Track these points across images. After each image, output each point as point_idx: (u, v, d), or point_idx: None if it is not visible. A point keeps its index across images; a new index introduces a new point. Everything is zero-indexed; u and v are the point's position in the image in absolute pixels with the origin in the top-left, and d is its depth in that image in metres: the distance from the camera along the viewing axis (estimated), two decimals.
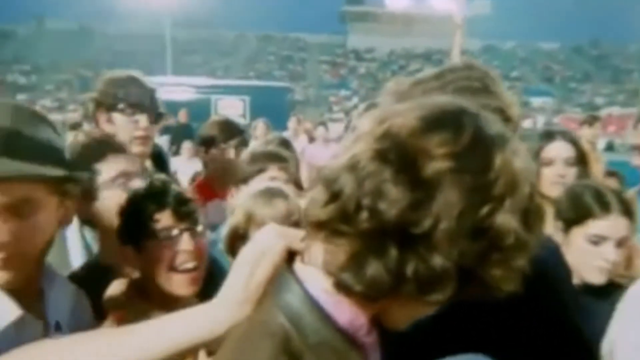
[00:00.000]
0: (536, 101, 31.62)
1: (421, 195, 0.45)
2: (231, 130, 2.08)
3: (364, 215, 0.46)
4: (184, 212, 1.04)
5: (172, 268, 1.03)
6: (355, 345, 0.52)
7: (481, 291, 0.50)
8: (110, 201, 1.15)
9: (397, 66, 37.71)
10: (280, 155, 1.74)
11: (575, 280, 1.29)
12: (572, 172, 1.61)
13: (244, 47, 40.87)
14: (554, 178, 1.58)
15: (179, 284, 1.03)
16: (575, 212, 1.29)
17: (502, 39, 44.07)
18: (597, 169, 3.41)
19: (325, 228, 0.49)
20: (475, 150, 0.47)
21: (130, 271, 1.08)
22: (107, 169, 1.21)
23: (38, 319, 0.86)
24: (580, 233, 1.27)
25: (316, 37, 43.70)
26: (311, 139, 6.99)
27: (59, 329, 0.90)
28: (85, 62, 33.97)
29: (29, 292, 0.87)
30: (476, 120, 0.50)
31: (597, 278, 1.26)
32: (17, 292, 0.82)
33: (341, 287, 0.50)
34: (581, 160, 1.66)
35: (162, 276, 1.03)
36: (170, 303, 1.04)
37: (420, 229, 0.45)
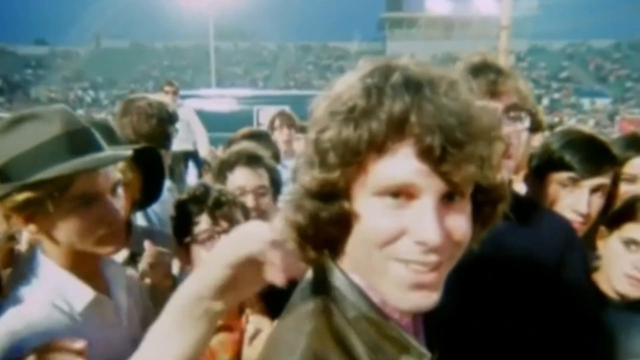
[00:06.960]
0: (588, 102, 29.88)
1: None
2: None
3: None
4: (220, 214, 1.08)
5: None
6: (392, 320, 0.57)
7: None
8: None
9: None
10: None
11: (611, 294, 1.21)
12: None
13: (284, 58, 41.68)
14: None
15: None
16: (619, 214, 1.21)
17: (551, 38, 42.00)
18: None
19: None
20: None
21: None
22: (231, 180, 1.43)
23: (109, 298, 0.93)
24: (617, 235, 1.19)
25: (355, 45, 43.78)
26: None
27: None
28: (136, 78, 35.99)
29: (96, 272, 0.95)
30: None
31: (624, 287, 1.17)
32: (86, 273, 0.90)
33: None
34: None
35: None
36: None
37: None
